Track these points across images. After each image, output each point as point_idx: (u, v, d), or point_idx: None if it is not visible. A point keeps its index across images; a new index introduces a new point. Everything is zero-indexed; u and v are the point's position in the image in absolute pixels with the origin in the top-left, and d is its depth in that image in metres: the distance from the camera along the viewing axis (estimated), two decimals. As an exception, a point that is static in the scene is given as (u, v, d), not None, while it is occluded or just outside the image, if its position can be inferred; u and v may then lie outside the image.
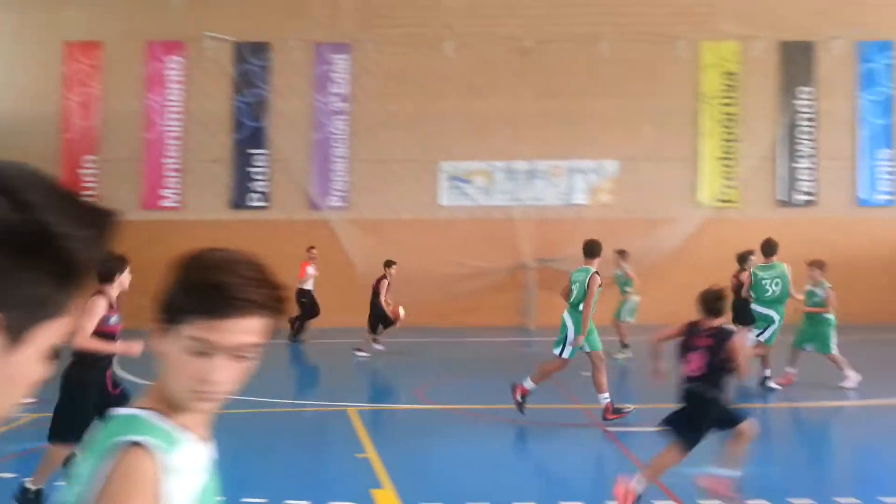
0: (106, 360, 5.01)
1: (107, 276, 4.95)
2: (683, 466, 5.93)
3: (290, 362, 12.79)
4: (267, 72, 17.18)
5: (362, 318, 16.51)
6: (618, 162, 17.17)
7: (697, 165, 17.15)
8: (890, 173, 16.96)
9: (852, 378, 9.01)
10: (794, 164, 17.06)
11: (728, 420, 5.02)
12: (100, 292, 4.92)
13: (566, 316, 7.71)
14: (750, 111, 17.03)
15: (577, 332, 7.41)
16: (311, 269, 13.83)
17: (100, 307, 4.85)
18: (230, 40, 17.05)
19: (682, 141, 17.19)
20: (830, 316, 9.36)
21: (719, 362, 4.99)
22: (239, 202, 17.01)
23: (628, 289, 12.55)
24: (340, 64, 17.24)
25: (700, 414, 4.97)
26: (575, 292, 7.70)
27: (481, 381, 11.08)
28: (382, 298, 12.21)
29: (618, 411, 7.27)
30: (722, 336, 5.08)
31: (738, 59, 17.00)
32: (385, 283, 12.35)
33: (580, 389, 9.05)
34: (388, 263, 12.67)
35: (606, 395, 7.34)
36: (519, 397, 7.31)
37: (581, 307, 7.54)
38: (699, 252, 16.54)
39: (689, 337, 5.22)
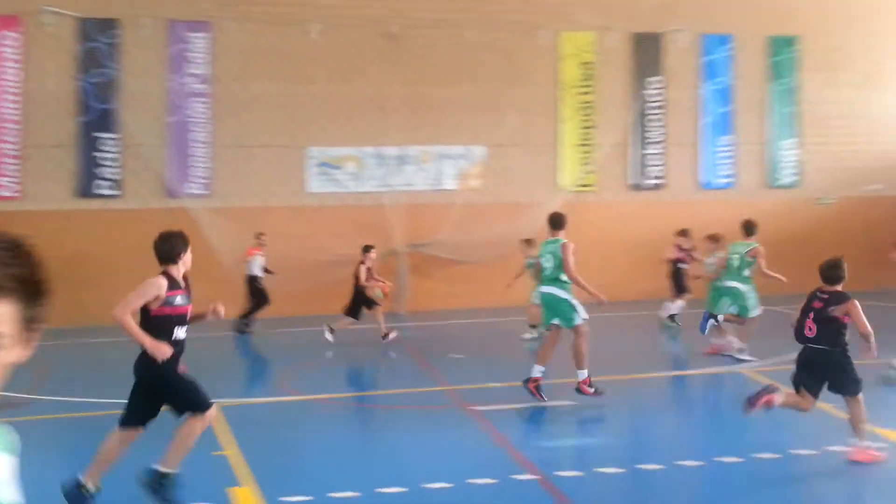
0: (180, 344, 4.84)
1: (168, 257, 4.87)
2: (543, 440, 6.22)
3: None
4: (115, 50, 15.98)
5: (229, 310, 15.99)
6: (485, 148, 17.56)
7: (558, 151, 17.89)
8: (729, 158, 18.49)
9: (739, 345, 9.79)
10: (645, 151, 18.19)
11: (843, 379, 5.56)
12: (162, 273, 4.82)
13: (554, 290, 7.59)
14: (605, 100, 17.97)
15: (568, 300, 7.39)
16: (259, 256, 13.60)
17: (156, 287, 4.73)
18: (72, 15, 15.71)
19: (545, 127, 17.85)
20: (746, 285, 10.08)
21: (835, 324, 5.52)
22: (86, 190, 15.77)
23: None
24: (198, 43, 16.36)
25: (827, 370, 5.54)
26: (550, 264, 7.64)
27: (348, 368, 11.07)
28: (363, 282, 12.11)
29: (593, 387, 7.28)
30: (837, 300, 5.57)
31: (594, 50, 17.85)
32: (363, 267, 12.23)
33: (445, 370, 9.24)
34: (367, 248, 12.52)
35: (585, 371, 7.36)
36: (534, 388, 7.24)
37: (562, 276, 7.50)
38: (566, 234, 17.27)
39: (809, 301, 5.80)
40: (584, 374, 7.27)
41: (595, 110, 17.88)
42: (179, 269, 4.93)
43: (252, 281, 13.72)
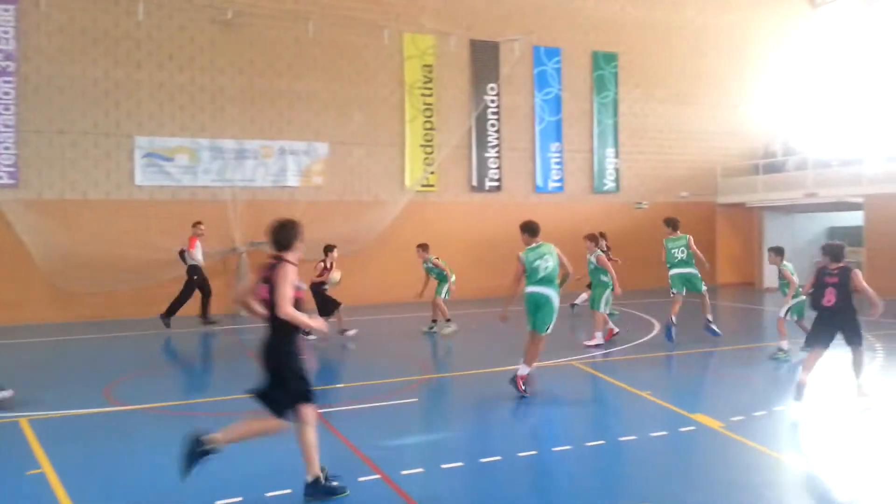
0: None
1: (287, 244, 4.98)
2: (387, 439, 6.24)
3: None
4: None
5: (45, 313, 14.48)
6: (329, 145, 17.31)
7: (404, 151, 18.05)
8: (559, 164, 19.69)
9: (598, 338, 10.80)
10: (485, 154, 18.90)
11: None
12: (286, 260, 4.90)
13: (549, 292, 7.83)
14: (446, 102, 18.44)
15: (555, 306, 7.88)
16: (199, 246, 13.69)
17: (294, 273, 4.87)
18: None
19: (390, 127, 17.96)
20: (606, 279, 10.85)
21: (847, 292, 7.06)
22: None
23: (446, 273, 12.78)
24: (1, 16, 14.60)
25: (844, 328, 7.11)
26: (550, 267, 7.96)
27: (175, 376, 10.43)
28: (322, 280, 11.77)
29: (526, 384, 7.61)
30: (846, 273, 7.09)
31: (435, 53, 18.25)
32: (320, 266, 11.81)
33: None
34: (329, 248, 12.03)
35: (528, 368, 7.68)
36: (522, 386, 7.54)
37: (557, 280, 7.93)
38: (403, 234, 17.47)
39: (821, 278, 7.23)
40: (525, 369, 7.71)
41: (436, 112, 18.28)
42: (296, 255, 5.05)
43: (195, 271, 13.65)
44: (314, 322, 5.04)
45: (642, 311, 15.29)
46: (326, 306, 11.85)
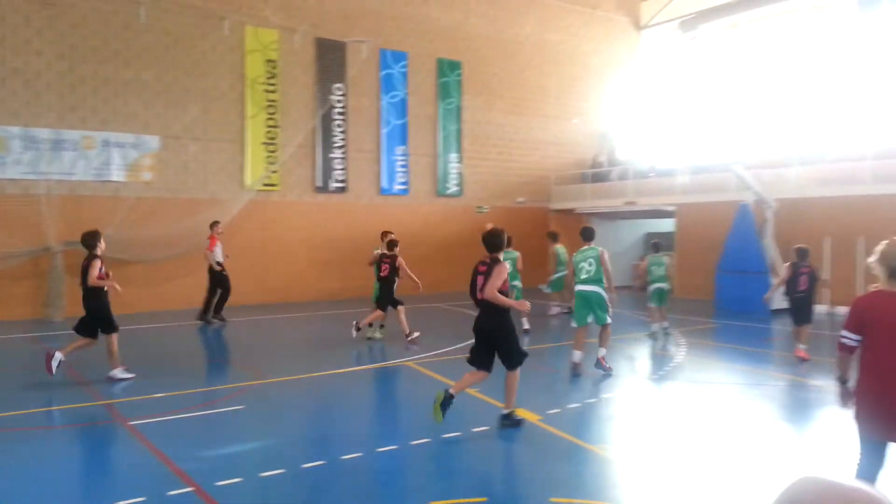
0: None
1: (499, 247, 6.56)
2: (206, 449, 6.00)
3: None
4: None
5: None
6: (160, 138, 16.32)
7: (244, 148, 17.41)
8: (404, 167, 19.93)
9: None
10: (330, 154, 18.70)
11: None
12: (496, 259, 6.49)
13: (597, 289, 8.84)
14: (290, 100, 18.04)
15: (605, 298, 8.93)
16: (219, 245, 14.02)
17: (506, 270, 6.47)
18: None
19: (230, 122, 17.25)
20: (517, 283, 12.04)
21: (817, 280, 9.99)
22: None
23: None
24: None
25: (809, 310, 10.04)
26: (592, 269, 8.86)
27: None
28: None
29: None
30: (815, 270, 10.09)
31: (279, 49, 17.80)
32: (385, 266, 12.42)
33: (102, 383, 8.39)
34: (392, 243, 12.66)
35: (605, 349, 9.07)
36: (606, 364, 8.95)
37: (602, 278, 8.88)
38: (244, 234, 16.90)
39: (797, 271, 9.91)
40: (603, 351, 9.04)
41: (280, 110, 17.82)
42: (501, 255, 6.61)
43: (215, 270, 13.94)
44: (516, 304, 6.68)
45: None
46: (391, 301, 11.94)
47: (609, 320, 8.96)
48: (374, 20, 19.31)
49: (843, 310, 15.17)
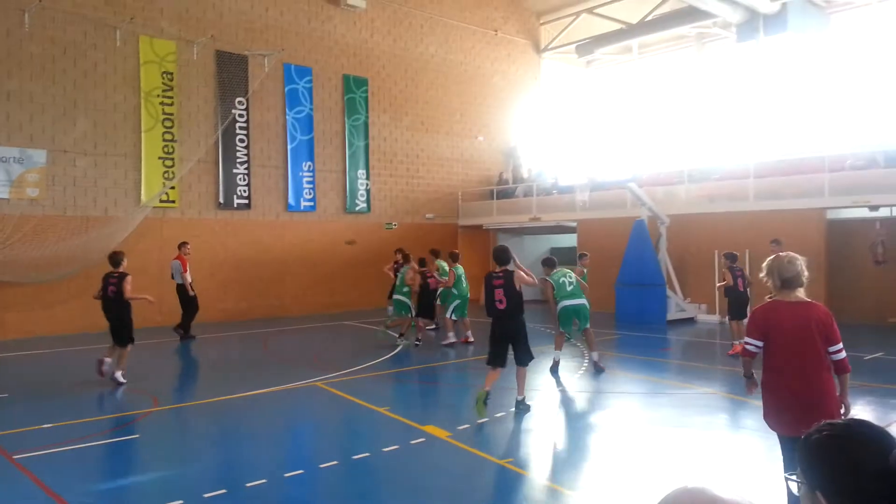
0: None
1: (507, 261, 7.83)
2: (98, 482, 5.64)
3: None
4: None
5: None
6: (47, 153, 15.35)
7: (140, 163, 16.64)
8: (311, 183, 19.64)
9: (450, 338, 12.94)
10: (233, 170, 18.17)
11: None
12: (512, 271, 7.71)
13: (584, 301, 10.39)
14: (189, 113, 17.42)
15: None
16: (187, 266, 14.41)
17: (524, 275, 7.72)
18: None
19: (123, 136, 16.45)
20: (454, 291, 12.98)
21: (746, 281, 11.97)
22: None
23: None
24: None
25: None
26: (574, 284, 10.36)
27: None
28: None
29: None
30: (743, 271, 12.28)
31: (176, 60, 17.19)
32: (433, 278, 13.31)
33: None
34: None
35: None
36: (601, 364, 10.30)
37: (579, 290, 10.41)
38: (139, 253, 16.15)
39: (734, 273, 11.69)
40: (596, 354, 10.38)
41: (178, 123, 17.18)
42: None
43: (183, 289, 14.37)
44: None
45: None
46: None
47: (588, 325, 10.44)
48: (277, 34, 19.02)
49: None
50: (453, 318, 13.06)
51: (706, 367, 10.85)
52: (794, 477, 1.51)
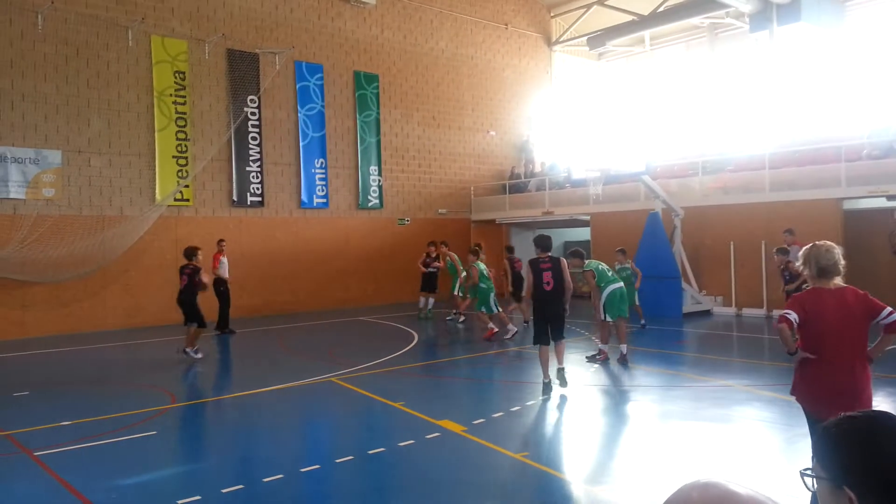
0: None
1: (549, 248, 8.57)
2: (116, 478, 5.70)
3: None
4: None
5: None
6: (62, 153, 15.50)
7: (154, 162, 16.76)
8: (324, 180, 19.69)
9: (511, 330, 12.99)
10: (246, 168, 18.25)
11: None
12: (559, 258, 8.58)
13: (626, 289, 10.95)
14: (201, 112, 17.51)
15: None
16: (224, 259, 14.79)
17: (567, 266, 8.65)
18: None
19: (137, 136, 16.58)
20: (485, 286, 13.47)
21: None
22: None
23: None
24: None
25: None
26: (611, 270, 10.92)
27: None
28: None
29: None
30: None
31: (188, 59, 17.27)
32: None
33: (3, 411, 7.86)
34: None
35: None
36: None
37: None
38: (155, 251, 16.28)
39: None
40: (624, 347, 10.46)
41: (191, 123, 17.28)
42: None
43: (220, 283, 14.63)
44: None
45: (403, 323, 15.77)
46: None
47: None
48: (288, 32, 19.05)
49: (749, 311, 16.02)
50: (498, 309, 13.51)
51: (723, 359, 10.77)
52: (809, 472, 1.47)
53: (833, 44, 19.56)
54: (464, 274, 14.93)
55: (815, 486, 1.44)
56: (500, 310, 13.61)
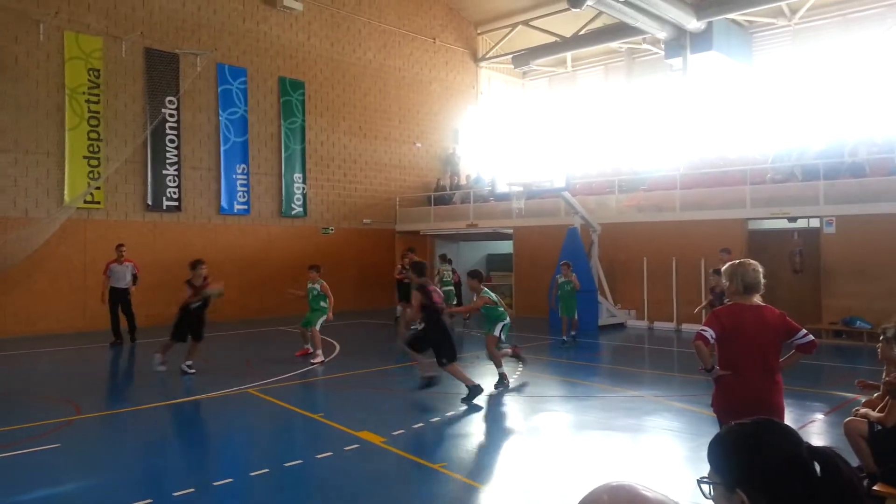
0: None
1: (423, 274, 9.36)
2: (13, 495, 5.39)
3: None
4: None
5: None
6: (-40, 149, 14.56)
7: (63, 162, 15.97)
8: (245, 185, 19.26)
9: (319, 357, 11.63)
10: (163, 171, 17.64)
11: None
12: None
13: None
14: (116, 112, 16.84)
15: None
16: (123, 266, 13.96)
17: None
18: None
19: (46, 134, 15.77)
20: (325, 304, 12.06)
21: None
22: None
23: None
24: None
25: None
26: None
27: None
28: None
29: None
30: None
31: (103, 57, 16.60)
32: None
33: None
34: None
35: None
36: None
37: None
38: (63, 255, 15.50)
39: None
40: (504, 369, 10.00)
41: (104, 122, 16.59)
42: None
43: (118, 294, 13.93)
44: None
45: (325, 333, 15.56)
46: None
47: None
48: (210, 34, 18.61)
49: (660, 325, 16.68)
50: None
51: (635, 371, 11.19)
52: (706, 480, 1.57)
53: (741, 73, 20.77)
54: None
55: (712, 492, 1.55)
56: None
